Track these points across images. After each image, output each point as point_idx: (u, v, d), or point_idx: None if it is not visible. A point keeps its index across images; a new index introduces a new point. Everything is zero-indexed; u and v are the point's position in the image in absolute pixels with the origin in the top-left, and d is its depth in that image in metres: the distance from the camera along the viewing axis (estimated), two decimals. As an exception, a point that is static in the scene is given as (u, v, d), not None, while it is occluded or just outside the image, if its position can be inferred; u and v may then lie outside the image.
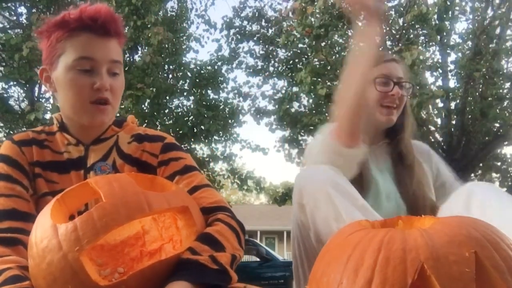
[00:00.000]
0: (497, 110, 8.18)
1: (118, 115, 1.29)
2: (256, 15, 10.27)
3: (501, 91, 8.62)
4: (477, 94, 8.67)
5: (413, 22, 7.11)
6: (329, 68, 7.61)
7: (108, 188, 0.90)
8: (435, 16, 6.76)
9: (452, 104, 8.87)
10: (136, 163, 1.19)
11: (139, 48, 8.55)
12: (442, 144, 8.92)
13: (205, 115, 9.19)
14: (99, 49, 1.13)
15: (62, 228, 0.86)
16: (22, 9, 8.81)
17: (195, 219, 0.96)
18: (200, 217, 1.01)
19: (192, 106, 9.74)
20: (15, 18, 8.82)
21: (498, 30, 8.28)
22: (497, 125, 8.71)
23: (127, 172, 1.16)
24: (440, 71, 8.67)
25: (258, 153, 10.33)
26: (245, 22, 10.42)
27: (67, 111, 1.19)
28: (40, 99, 8.66)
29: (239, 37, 10.35)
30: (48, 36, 1.19)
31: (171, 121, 9.38)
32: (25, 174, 1.13)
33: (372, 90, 1.51)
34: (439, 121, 8.90)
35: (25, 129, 8.84)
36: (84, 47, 1.13)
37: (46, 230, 0.88)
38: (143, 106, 8.73)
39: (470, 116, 8.66)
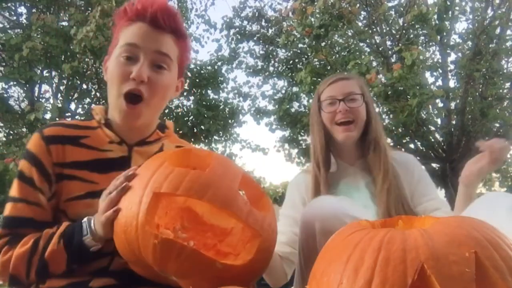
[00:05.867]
0: (497, 110, 8.19)
1: None
2: (256, 15, 10.27)
3: (501, 91, 8.63)
4: (477, 94, 8.67)
5: (413, 22, 7.10)
6: (329, 68, 7.60)
7: (216, 166, 0.96)
8: (435, 16, 6.75)
9: (452, 104, 8.87)
10: None
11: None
12: (442, 144, 8.92)
13: (205, 115, 9.20)
14: (146, 37, 1.07)
15: (164, 167, 0.94)
16: (22, 9, 8.83)
17: (256, 251, 0.94)
18: (264, 254, 0.98)
19: (192, 106, 9.74)
20: (15, 18, 8.82)
21: (498, 30, 8.29)
22: (497, 125, 8.71)
23: None
24: (440, 71, 8.68)
25: (258, 153, 10.36)
26: (245, 22, 10.43)
27: (110, 104, 1.13)
28: (40, 99, 8.67)
29: (239, 37, 10.35)
30: (114, 29, 1.16)
31: (171, 121, 9.39)
32: (46, 179, 1.07)
33: (323, 114, 1.58)
34: (439, 121, 8.90)
35: (25, 129, 8.81)
36: (132, 35, 1.08)
37: (155, 160, 0.98)
38: (143, 106, 8.71)
39: (470, 116, 8.66)
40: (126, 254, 0.95)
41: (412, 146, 8.73)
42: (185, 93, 9.85)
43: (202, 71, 9.87)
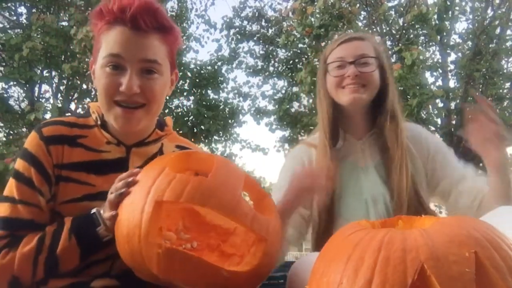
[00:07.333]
0: (497, 110, 8.18)
1: None
2: (256, 15, 10.27)
3: (501, 91, 8.63)
4: (477, 94, 8.66)
5: (413, 22, 7.10)
6: (329, 68, 7.58)
7: (219, 170, 0.94)
8: (435, 16, 6.75)
9: (452, 104, 8.87)
10: None
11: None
12: (442, 144, 8.90)
13: (205, 115, 9.19)
14: (129, 46, 1.00)
15: (165, 173, 0.92)
16: (22, 9, 8.81)
17: (262, 256, 0.93)
18: (270, 258, 0.97)
19: (192, 106, 9.73)
20: (15, 18, 8.81)
21: (498, 30, 8.29)
22: (497, 125, 8.70)
23: None
24: (440, 71, 8.67)
25: (258, 153, 10.35)
26: (245, 22, 10.42)
27: (102, 110, 1.09)
28: (40, 99, 8.66)
29: (239, 37, 10.35)
30: (94, 28, 1.07)
31: (170, 117, 9.39)
32: (46, 180, 1.04)
33: (329, 78, 1.39)
34: (439, 121, 8.90)
35: (25, 129, 8.77)
36: (114, 43, 1.01)
37: (156, 167, 0.95)
38: (143, 106, 8.72)
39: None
40: (130, 262, 0.94)
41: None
42: (185, 93, 9.85)
43: (202, 71, 9.86)
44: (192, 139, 9.44)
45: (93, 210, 1.01)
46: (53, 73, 8.67)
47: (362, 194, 1.38)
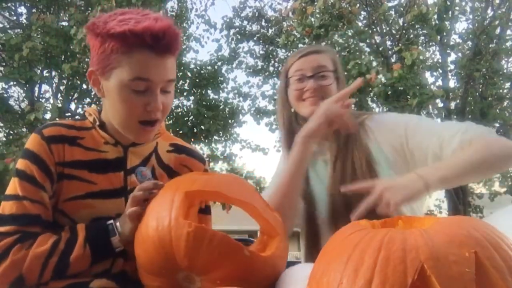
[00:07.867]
0: (497, 110, 8.20)
1: None
2: (256, 15, 10.29)
3: (501, 91, 8.64)
4: (477, 94, 8.68)
5: (413, 22, 7.11)
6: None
7: (232, 176, 1.15)
8: (435, 16, 6.76)
9: (452, 104, 8.88)
10: (176, 175, 1.17)
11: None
12: (442, 144, 8.90)
13: (205, 115, 9.20)
14: (156, 70, 1.05)
15: (187, 175, 1.12)
16: (22, 9, 8.84)
17: (275, 248, 0.99)
18: (281, 258, 1.01)
19: (192, 106, 9.74)
20: (15, 18, 8.83)
21: (498, 30, 8.30)
22: (497, 125, 8.72)
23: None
24: (440, 71, 8.68)
25: (258, 153, 10.35)
26: (245, 22, 10.45)
27: (113, 121, 1.13)
28: (40, 99, 8.67)
29: (239, 37, 10.37)
30: (101, 42, 1.06)
31: (171, 121, 9.40)
32: (48, 177, 1.07)
33: (290, 91, 1.45)
34: (439, 121, 8.90)
35: (25, 129, 8.76)
36: (142, 67, 1.04)
37: (178, 177, 1.10)
38: (143, 106, 8.72)
39: (470, 116, 8.66)
40: (150, 257, 0.95)
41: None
42: (185, 93, 9.85)
43: (202, 71, 9.87)
44: (192, 139, 9.45)
45: (110, 221, 1.05)
46: (53, 73, 8.68)
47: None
